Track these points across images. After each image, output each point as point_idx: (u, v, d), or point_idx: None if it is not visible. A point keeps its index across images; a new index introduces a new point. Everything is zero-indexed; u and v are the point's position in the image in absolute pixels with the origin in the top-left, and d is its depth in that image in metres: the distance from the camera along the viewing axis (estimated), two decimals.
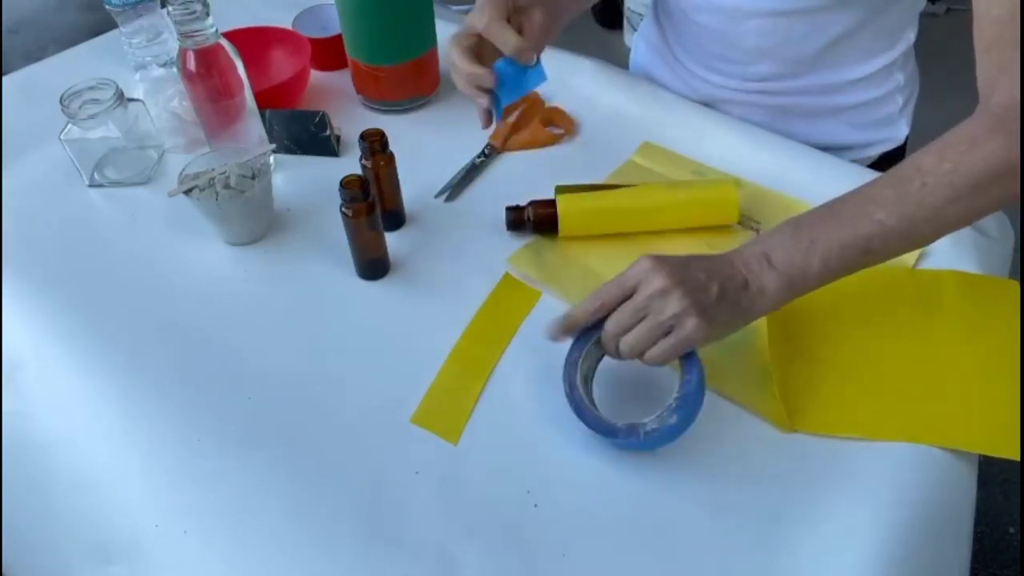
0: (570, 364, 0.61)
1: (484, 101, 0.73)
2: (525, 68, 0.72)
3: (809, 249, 0.59)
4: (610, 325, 0.59)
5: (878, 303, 0.70)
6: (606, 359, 0.64)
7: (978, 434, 0.60)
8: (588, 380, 0.63)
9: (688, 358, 0.59)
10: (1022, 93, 0.57)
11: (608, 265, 0.74)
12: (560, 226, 0.75)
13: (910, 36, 0.86)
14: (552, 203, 0.76)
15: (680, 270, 0.57)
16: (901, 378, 0.64)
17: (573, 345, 0.62)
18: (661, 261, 0.58)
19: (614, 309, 0.59)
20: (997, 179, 0.56)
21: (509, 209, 0.77)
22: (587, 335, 0.62)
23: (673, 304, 0.56)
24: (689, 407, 0.58)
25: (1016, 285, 0.70)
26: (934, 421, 0.61)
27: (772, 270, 0.59)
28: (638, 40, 1.07)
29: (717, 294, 0.57)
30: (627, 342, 0.58)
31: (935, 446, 0.60)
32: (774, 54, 0.84)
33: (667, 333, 0.57)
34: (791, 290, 0.59)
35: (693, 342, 0.57)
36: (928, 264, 0.73)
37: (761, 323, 0.68)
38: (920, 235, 0.60)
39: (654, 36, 1.00)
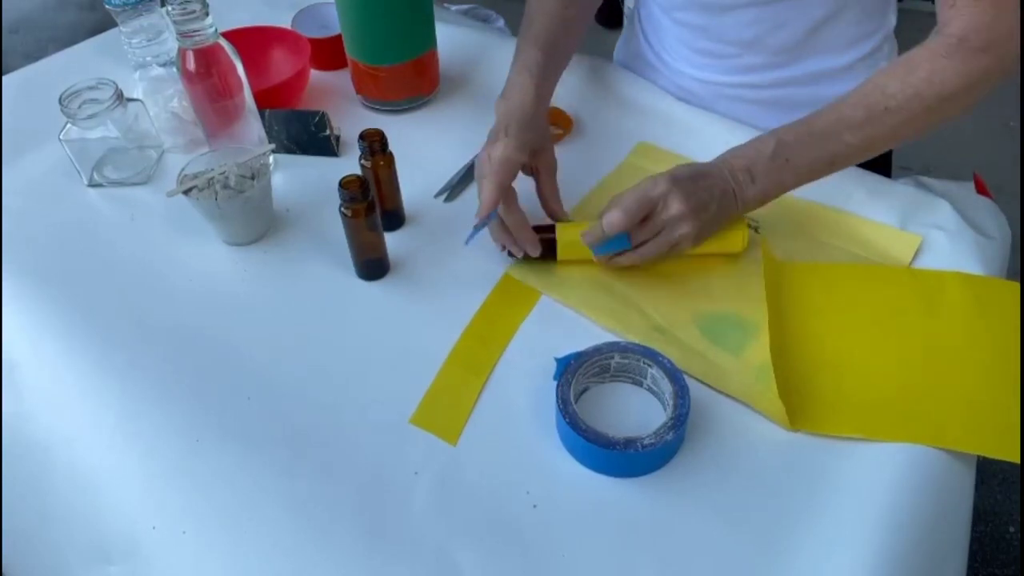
0: (563, 384, 0.61)
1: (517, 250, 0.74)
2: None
3: (784, 167, 0.69)
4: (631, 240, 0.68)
5: (880, 304, 0.70)
6: (592, 386, 0.65)
7: (978, 436, 0.60)
8: (579, 400, 0.63)
9: (681, 384, 0.60)
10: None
11: (610, 272, 0.74)
12: (558, 253, 0.73)
13: (890, 21, 0.86)
14: (551, 228, 0.74)
15: (692, 195, 0.67)
16: (902, 379, 0.64)
17: (565, 367, 0.62)
18: (678, 186, 0.67)
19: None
20: (948, 101, 0.67)
21: None
22: (579, 357, 0.62)
23: (684, 227, 0.67)
24: (683, 427, 0.59)
25: (1017, 287, 0.70)
26: (935, 422, 0.61)
27: (753, 185, 0.69)
28: (620, 49, 1.06)
29: (715, 212, 0.68)
30: (637, 250, 0.69)
31: (935, 447, 0.60)
32: (758, 44, 0.84)
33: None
34: (765, 200, 0.71)
35: (681, 251, 0.70)
36: (927, 262, 0.73)
37: (762, 322, 0.68)
38: (877, 149, 0.70)
39: (634, 43, 1.00)
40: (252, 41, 0.98)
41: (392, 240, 0.77)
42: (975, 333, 0.67)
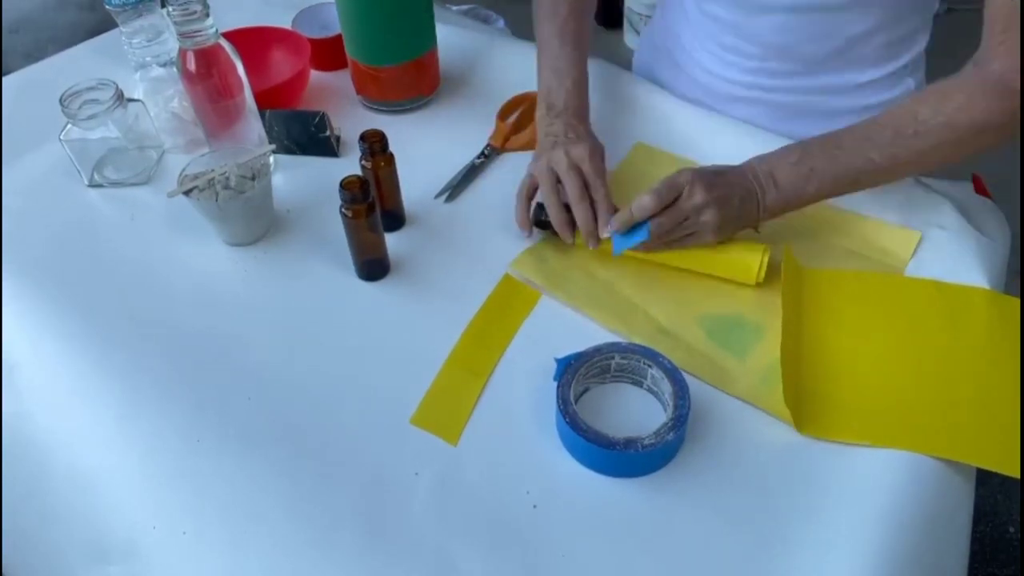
0: (563, 384, 0.61)
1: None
2: None
3: (808, 176, 0.69)
4: (655, 226, 0.68)
5: (900, 314, 0.69)
6: (592, 387, 0.65)
7: (984, 449, 0.59)
8: (579, 400, 0.63)
9: (681, 385, 0.60)
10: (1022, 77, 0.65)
11: (613, 273, 0.74)
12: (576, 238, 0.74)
13: (922, 41, 0.85)
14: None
15: (715, 187, 0.68)
16: (915, 390, 0.63)
17: (566, 368, 0.62)
18: (701, 176, 0.68)
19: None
20: (979, 135, 0.67)
21: (541, 206, 0.76)
22: (579, 357, 0.62)
23: (706, 216, 0.68)
24: (684, 427, 0.59)
25: None
26: (943, 434, 0.60)
27: (775, 189, 0.69)
28: (642, 42, 1.06)
29: (736, 207, 0.69)
30: (660, 232, 0.69)
31: (940, 457, 0.59)
32: (788, 51, 0.83)
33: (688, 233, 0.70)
34: (787, 207, 0.71)
35: (702, 244, 0.70)
36: (927, 262, 0.73)
37: (767, 324, 0.68)
38: (902, 172, 0.72)
39: (660, 36, 0.99)
40: (252, 41, 0.98)
41: (392, 240, 0.77)
42: (993, 350, 0.66)
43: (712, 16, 0.87)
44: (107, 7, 0.92)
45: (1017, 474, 0.57)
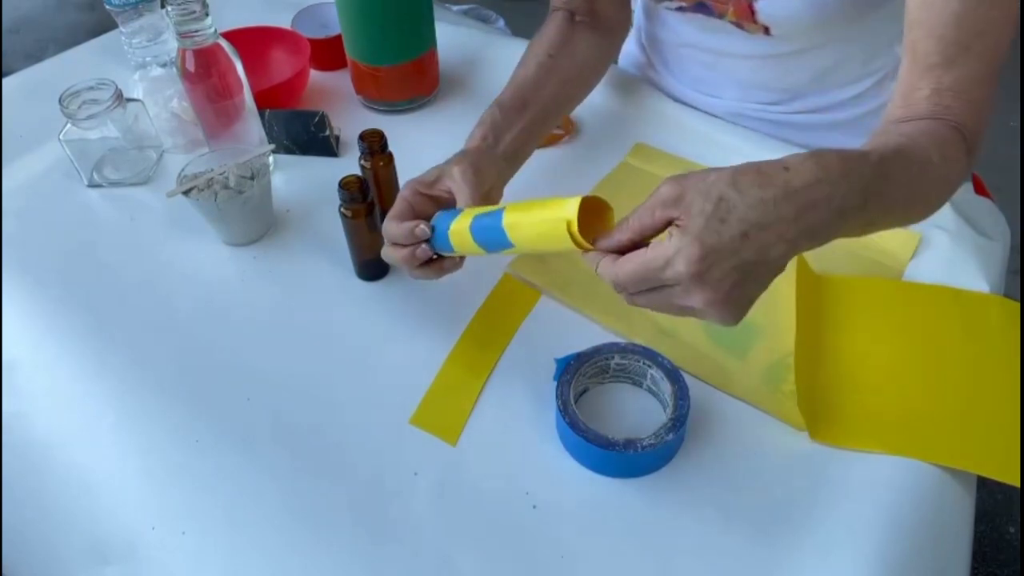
0: (563, 384, 0.61)
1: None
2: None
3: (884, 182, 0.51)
4: (627, 282, 0.49)
5: (916, 322, 0.68)
6: (592, 387, 0.64)
7: (988, 458, 0.59)
8: (578, 400, 0.63)
9: (681, 385, 0.60)
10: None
11: None
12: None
13: (896, 51, 0.86)
14: None
15: (714, 251, 0.45)
16: (931, 398, 0.63)
17: (565, 368, 0.62)
18: (697, 237, 0.45)
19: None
20: (951, 191, 0.61)
21: None
22: (579, 357, 0.63)
23: (694, 299, 0.47)
24: (683, 428, 0.59)
25: None
26: (952, 443, 0.60)
27: (875, 200, 0.50)
28: (624, 60, 1.06)
29: (753, 274, 0.46)
30: (642, 302, 0.50)
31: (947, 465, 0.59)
32: (766, 86, 0.85)
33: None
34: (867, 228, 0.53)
35: (719, 324, 0.49)
36: (927, 263, 0.73)
37: (767, 324, 0.68)
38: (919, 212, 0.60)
39: (640, 61, 1.00)
40: (252, 41, 0.98)
41: None
42: (1006, 359, 0.65)
43: (687, 57, 0.88)
44: (107, 7, 0.92)
45: (1017, 483, 0.57)
